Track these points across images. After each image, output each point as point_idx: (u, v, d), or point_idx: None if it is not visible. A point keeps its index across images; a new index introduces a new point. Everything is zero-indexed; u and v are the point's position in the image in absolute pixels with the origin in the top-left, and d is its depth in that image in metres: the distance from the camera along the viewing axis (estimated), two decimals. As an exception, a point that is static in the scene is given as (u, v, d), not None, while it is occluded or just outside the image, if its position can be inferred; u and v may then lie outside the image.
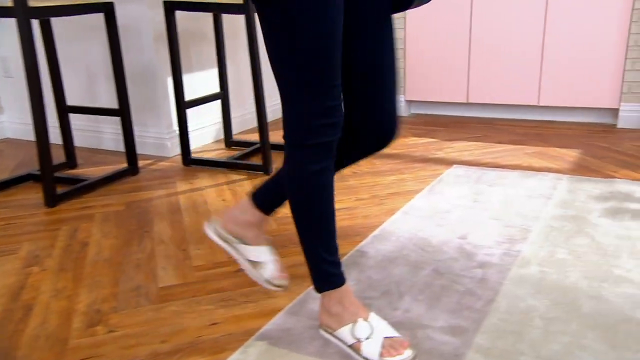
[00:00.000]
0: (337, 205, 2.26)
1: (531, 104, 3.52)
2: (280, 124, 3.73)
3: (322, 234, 1.23)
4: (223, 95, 3.10)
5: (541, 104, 3.49)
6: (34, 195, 2.47)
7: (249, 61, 3.50)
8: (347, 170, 2.72)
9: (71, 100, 3.24)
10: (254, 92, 2.59)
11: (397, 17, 3.75)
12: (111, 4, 2.47)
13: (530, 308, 1.43)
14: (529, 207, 2.12)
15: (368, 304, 1.48)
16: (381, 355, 1.19)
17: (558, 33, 3.31)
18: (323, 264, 1.24)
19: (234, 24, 3.45)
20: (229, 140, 3.22)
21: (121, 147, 3.16)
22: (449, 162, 2.77)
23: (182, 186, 2.54)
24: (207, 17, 3.21)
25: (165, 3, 2.62)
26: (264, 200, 1.38)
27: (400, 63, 3.85)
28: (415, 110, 4.03)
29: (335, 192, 2.41)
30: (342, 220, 2.11)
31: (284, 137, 1.18)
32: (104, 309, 1.48)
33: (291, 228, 2.04)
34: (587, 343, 1.27)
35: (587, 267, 1.64)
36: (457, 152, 2.96)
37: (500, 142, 3.15)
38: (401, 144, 3.17)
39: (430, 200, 2.24)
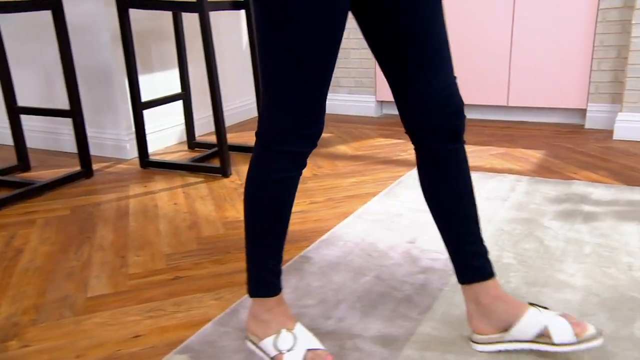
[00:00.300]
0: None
1: (500, 104, 3.49)
2: (244, 126, 3.73)
3: (270, 243, 1.19)
4: (185, 96, 3.04)
5: (510, 105, 3.46)
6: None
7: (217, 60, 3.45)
8: (307, 172, 2.67)
9: (29, 101, 3.18)
10: (210, 93, 2.53)
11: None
12: (59, 1, 2.40)
13: (465, 316, 1.38)
14: (483, 210, 2.08)
15: (302, 313, 1.43)
16: None
17: (526, 34, 3.27)
18: (264, 271, 1.20)
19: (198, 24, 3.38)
20: (191, 142, 3.16)
21: (81, 150, 3.10)
22: (412, 164, 2.72)
23: (135, 189, 2.48)
24: (169, 16, 3.15)
25: (117, 1, 2.56)
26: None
27: (371, 64, 3.81)
28: (387, 111, 3.99)
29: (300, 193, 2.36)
30: (292, 224, 2.05)
31: (256, 134, 1.12)
32: (22, 321, 1.42)
33: (240, 234, 1.98)
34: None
35: (530, 273, 1.60)
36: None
37: (467, 143, 3.11)
38: (367, 145, 3.13)
39: (384, 204, 2.19)
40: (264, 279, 1.20)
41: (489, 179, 2.42)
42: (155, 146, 3.14)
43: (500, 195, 2.21)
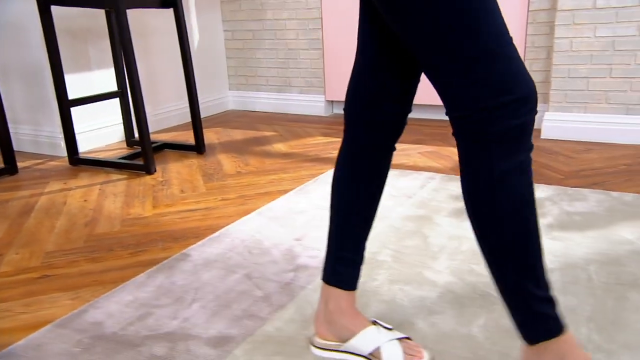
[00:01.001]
0: (197, 206, 2.12)
1: (441, 104, 3.39)
2: (187, 125, 3.62)
3: (527, 258, 0.84)
4: (121, 94, 2.94)
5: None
6: None
7: (162, 59, 3.36)
8: (231, 170, 2.58)
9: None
10: (130, 92, 2.44)
11: (313, 19, 3.61)
12: None
13: (313, 316, 1.29)
14: (384, 207, 1.99)
15: (149, 313, 1.34)
16: None
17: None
18: (534, 301, 0.85)
19: (146, 22, 3.29)
20: (130, 139, 3.07)
21: (22, 147, 3.02)
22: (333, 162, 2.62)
23: (53, 186, 2.39)
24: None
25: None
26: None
27: (320, 64, 3.72)
28: (338, 110, 3.89)
29: (205, 192, 2.27)
30: (192, 221, 1.97)
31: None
32: None
33: (133, 230, 1.89)
34: (345, 355, 1.14)
35: (401, 270, 1.51)
36: None
37: (402, 142, 3.02)
38: (303, 143, 3.04)
39: (291, 201, 2.10)
40: (540, 312, 0.86)
41: (405, 176, 2.33)
42: (96, 144, 3.05)
43: (407, 193, 2.12)
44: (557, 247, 1.61)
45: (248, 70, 4.00)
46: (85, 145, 2.99)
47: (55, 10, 2.74)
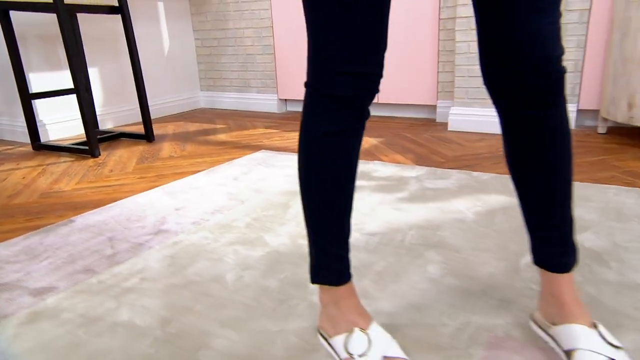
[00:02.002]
0: (114, 182, 2.09)
1: (373, 102, 3.33)
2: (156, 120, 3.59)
3: (327, 216, 0.85)
4: (77, 90, 2.93)
5: (380, 102, 3.30)
6: None
7: (117, 62, 3.34)
8: (165, 153, 2.55)
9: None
10: (75, 90, 2.42)
11: (265, 27, 3.57)
12: None
13: (141, 270, 1.25)
14: (267, 184, 1.94)
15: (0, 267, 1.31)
16: None
17: (390, 42, 3.11)
18: (320, 252, 0.88)
19: (106, 28, 3.26)
20: (95, 130, 3.05)
21: (3, 136, 3.03)
22: (258, 149, 2.58)
23: (5, 167, 2.39)
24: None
25: None
26: None
27: (271, 66, 3.67)
28: (292, 108, 3.84)
29: (130, 172, 2.24)
30: (101, 194, 1.94)
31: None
32: None
33: (44, 202, 1.87)
34: None
35: (246, 234, 1.47)
36: (285, 140, 2.77)
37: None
38: (244, 134, 2.99)
39: (195, 179, 2.07)
40: (321, 262, 0.88)
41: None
42: (65, 134, 3.04)
43: (288, 172, 2.07)
44: (393, 216, 1.55)
45: (215, 73, 3.97)
46: (57, 134, 2.99)
47: (28, 17, 2.74)
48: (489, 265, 1.23)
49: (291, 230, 1.47)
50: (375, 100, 3.30)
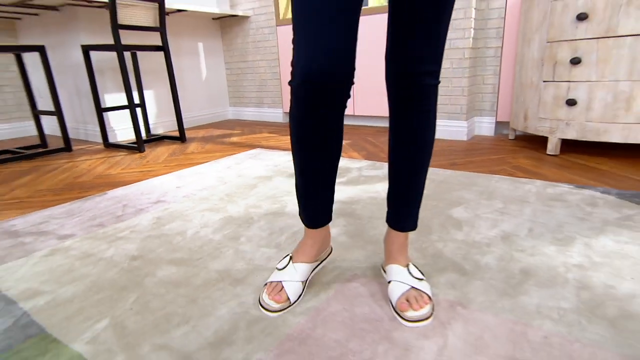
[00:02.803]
0: (144, 169, 2.21)
1: (350, 114, 3.37)
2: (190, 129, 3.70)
3: (300, 182, 0.88)
4: (131, 107, 3.08)
5: (356, 114, 3.34)
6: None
7: (165, 86, 3.46)
8: (190, 151, 2.65)
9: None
10: (129, 107, 2.54)
11: (274, 59, 3.63)
12: (42, 46, 2.50)
13: (133, 228, 1.35)
14: (254, 172, 2.01)
15: (47, 221, 1.44)
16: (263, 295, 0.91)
17: (362, 64, 3.13)
18: (302, 203, 0.91)
19: (157, 61, 3.41)
20: (148, 134, 3.20)
21: (91, 138, 3.21)
22: (252, 147, 2.66)
23: (81, 158, 2.55)
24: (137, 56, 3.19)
25: (82, 46, 2.63)
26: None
27: (278, 87, 3.75)
28: (296, 120, 3.89)
29: (160, 162, 2.36)
30: (133, 177, 2.05)
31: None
32: None
33: (93, 181, 2.00)
34: None
35: (217, 204, 1.55)
36: (278, 142, 2.84)
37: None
38: (249, 138, 3.06)
39: (201, 167, 2.16)
40: (303, 211, 0.92)
41: (283, 156, 2.34)
42: (129, 136, 3.19)
43: (274, 164, 2.14)
44: None
45: (239, 93, 4.08)
46: (122, 137, 3.15)
47: (102, 54, 2.90)
48: (376, 230, 1.28)
49: (248, 203, 1.55)
50: (352, 113, 3.33)
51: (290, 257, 0.96)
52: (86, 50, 2.63)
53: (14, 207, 1.63)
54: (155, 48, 2.75)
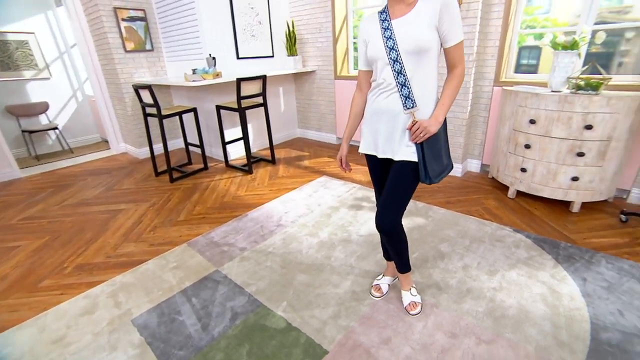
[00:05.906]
0: (258, 192, 2.88)
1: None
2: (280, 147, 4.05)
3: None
4: (243, 138, 3.83)
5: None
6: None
7: (261, 118, 4.16)
8: (281, 174, 3.27)
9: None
10: (242, 135, 3.28)
11: (330, 100, 4.23)
12: (194, 108, 3.27)
13: (252, 239, 2.15)
14: (324, 200, 2.68)
15: (227, 235, 2.24)
16: None
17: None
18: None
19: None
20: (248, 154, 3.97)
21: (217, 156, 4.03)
22: (328, 174, 3.01)
23: (215, 177, 3.27)
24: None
25: (216, 106, 3.38)
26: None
27: (333, 118, 4.36)
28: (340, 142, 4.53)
29: (265, 185, 3.06)
30: (253, 199, 2.65)
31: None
32: None
33: (232, 202, 2.72)
34: None
35: (309, 229, 2.27)
36: (335, 169, 3.21)
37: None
38: (316, 162, 3.48)
39: (294, 194, 2.85)
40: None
41: (342, 186, 3.00)
42: (238, 155, 3.96)
43: (337, 193, 2.83)
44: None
45: (305, 120, 4.73)
46: (235, 156, 3.92)
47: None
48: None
49: (330, 230, 2.26)
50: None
51: (383, 274, 1.63)
52: (218, 107, 3.40)
53: (203, 221, 2.44)
54: (259, 105, 3.48)
